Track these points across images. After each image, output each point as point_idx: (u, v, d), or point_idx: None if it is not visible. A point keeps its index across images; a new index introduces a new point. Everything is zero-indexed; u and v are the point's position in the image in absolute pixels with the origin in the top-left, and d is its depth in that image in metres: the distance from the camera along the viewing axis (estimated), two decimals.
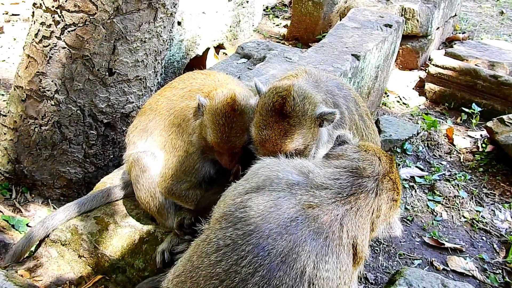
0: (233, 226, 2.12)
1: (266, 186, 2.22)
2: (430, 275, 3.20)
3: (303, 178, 2.25)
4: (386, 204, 2.34)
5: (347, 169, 2.33)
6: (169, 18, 4.49)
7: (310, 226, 2.10)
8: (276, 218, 2.09)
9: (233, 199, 2.25)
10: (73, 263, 3.51)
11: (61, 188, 4.72)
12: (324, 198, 2.19)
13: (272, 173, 2.27)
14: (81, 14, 4.03)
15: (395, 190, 2.40)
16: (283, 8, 10.29)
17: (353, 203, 2.23)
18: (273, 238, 2.04)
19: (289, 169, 2.29)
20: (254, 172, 2.35)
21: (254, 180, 2.27)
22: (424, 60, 8.27)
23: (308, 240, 2.06)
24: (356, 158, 2.38)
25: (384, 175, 2.36)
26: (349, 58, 5.37)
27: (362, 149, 2.45)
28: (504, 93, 6.87)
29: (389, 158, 2.46)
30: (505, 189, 5.61)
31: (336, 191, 2.23)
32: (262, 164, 2.39)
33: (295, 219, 2.10)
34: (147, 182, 3.26)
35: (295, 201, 2.15)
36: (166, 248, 3.22)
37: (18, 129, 4.54)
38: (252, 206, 2.15)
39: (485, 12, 11.15)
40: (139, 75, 4.47)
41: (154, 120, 3.33)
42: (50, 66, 4.23)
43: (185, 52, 6.76)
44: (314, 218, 2.12)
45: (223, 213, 2.21)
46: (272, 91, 2.78)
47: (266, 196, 2.17)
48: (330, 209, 2.17)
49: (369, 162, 2.37)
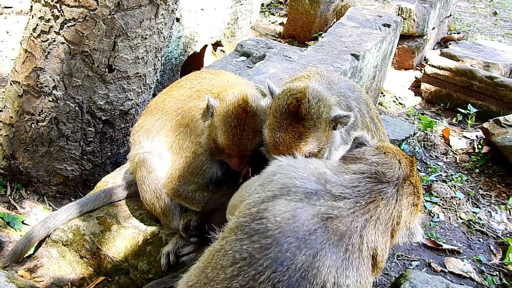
0: (250, 238, 2.04)
1: (283, 195, 2.13)
2: (434, 279, 3.19)
3: (321, 187, 2.16)
4: (407, 210, 2.26)
5: (366, 175, 2.25)
6: (170, 14, 4.43)
7: (330, 239, 2.03)
8: (294, 231, 2.01)
9: (249, 208, 2.16)
10: (75, 264, 3.46)
11: (57, 185, 4.64)
12: (343, 209, 2.10)
13: (289, 181, 2.17)
14: (81, 9, 3.95)
15: (416, 194, 2.32)
16: (279, 5, 10.25)
17: (373, 212, 2.16)
18: (292, 252, 1.97)
19: (306, 176, 2.20)
20: (269, 178, 2.26)
21: (270, 188, 2.18)
22: (420, 60, 8.29)
23: (328, 254, 2.00)
24: (375, 162, 2.30)
25: (405, 179, 2.28)
26: (348, 57, 5.36)
27: (381, 151, 2.36)
28: (499, 94, 6.91)
29: (409, 160, 2.37)
30: (501, 190, 5.64)
31: (355, 200, 2.15)
32: (278, 169, 2.30)
33: (314, 232, 2.02)
34: (153, 183, 3.21)
35: (314, 213, 2.07)
36: (172, 250, 3.17)
37: (14, 124, 4.46)
38: (269, 217, 2.06)
39: (479, 13, 11.21)
40: (139, 72, 4.41)
41: (161, 120, 3.27)
42: (48, 62, 4.15)
43: (183, 49, 6.70)
44: (333, 231, 2.05)
45: (239, 223, 2.13)
46: (286, 93, 2.74)
47: (283, 206, 2.08)
48: (350, 220, 2.09)
49: (388, 166, 2.28)
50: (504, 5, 11.84)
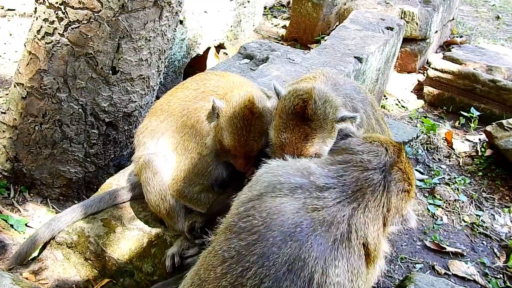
0: (237, 237, 2.05)
1: (269, 193, 2.14)
2: (440, 281, 3.18)
3: (306, 180, 2.17)
4: (397, 196, 2.22)
5: (351, 164, 2.23)
6: (174, 16, 4.44)
7: (316, 230, 2.02)
8: (279, 225, 2.02)
9: (237, 208, 2.18)
10: (79, 266, 3.45)
11: (61, 188, 4.64)
12: (328, 199, 2.10)
13: (274, 178, 2.19)
14: (86, 11, 3.96)
15: (406, 180, 2.27)
16: (281, 8, 10.27)
17: (360, 200, 2.14)
18: (277, 246, 1.98)
19: (291, 172, 2.21)
20: (257, 179, 2.28)
21: (257, 188, 2.20)
22: (422, 63, 8.29)
23: (314, 246, 1.99)
24: (360, 151, 2.28)
25: (392, 166, 2.24)
26: (351, 60, 5.37)
27: (367, 140, 2.35)
28: (502, 97, 6.92)
29: (397, 147, 2.33)
30: (504, 193, 5.63)
31: (341, 190, 2.15)
32: (266, 169, 2.32)
33: (299, 224, 2.02)
34: (158, 185, 3.20)
35: (299, 206, 2.07)
36: (176, 252, 3.16)
37: (18, 127, 4.46)
38: (255, 214, 2.07)
39: (482, 17, 11.23)
40: (143, 74, 4.41)
41: (166, 121, 3.27)
42: (52, 64, 4.15)
43: (186, 52, 6.70)
44: (319, 221, 2.04)
45: (228, 223, 2.16)
46: (292, 93, 2.74)
47: (269, 203, 2.10)
48: (336, 210, 2.09)
49: (374, 153, 2.26)
50: (506, 9, 11.86)
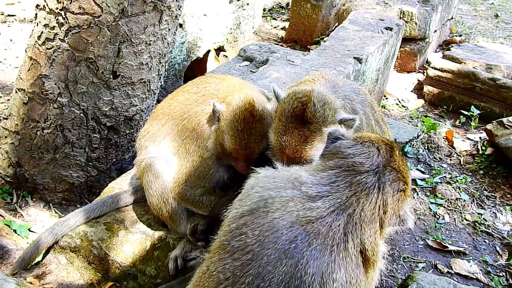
0: (231, 257, 2.00)
1: (260, 208, 2.07)
2: (442, 280, 3.19)
3: (297, 191, 2.09)
4: (393, 197, 2.14)
5: (343, 168, 2.15)
6: (174, 20, 4.46)
7: (311, 244, 1.96)
8: (273, 243, 1.95)
9: (229, 225, 2.12)
10: (83, 270, 3.47)
11: (63, 192, 4.65)
12: (321, 209, 2.03)
13: (265, 192, 2.12)
14: (86, 16, 3.98)
15: (401, 179, 2.20)
16: (281, 10, 10.29)
17: (355, 205, 2.07)
18: (272, 265, 1.92)
19: (282, 184, 2.14)
20: (247, 193, 2.21)
21: (248, 203, 2.13)
22: (422, 63, 8.30)
23: (310, 261, 1.93)
24: (351, 154, 2.19)
25: (385, 166, 2.17)
26: (351, 61, 5.38)
27: (358, 142, 2.26)
28: (502, 96, 6.93)
29: (389, 145, 2.26)
30: (505, 191, 5.64)
31: (334, 197, 2.07)
32: (255, 182, 2.24)
33: (294, 240, 1.95)
34: (160, 188, 3.22)
35: (292, 220, 2.00)
36: (179, 255, 3.19)
37: (20, 132, 4.48)
38: (247, 232, 2.01)
39: (480, 15, 11.24)
40: (143, 78, 4.43)
41: (167, 124, 3.29)
42: (53, 69, 4.17)
43: (186, 55, 6.72)
44: (315, 234, 1.97)
45: (221, 242, 2.11)
46: (291, 96, 2.75)
47: (261, 219, 2.03)
48: (331, 220, 2.02)
49: (366, 155, 2.19)
50: (505, 8, 11.87)
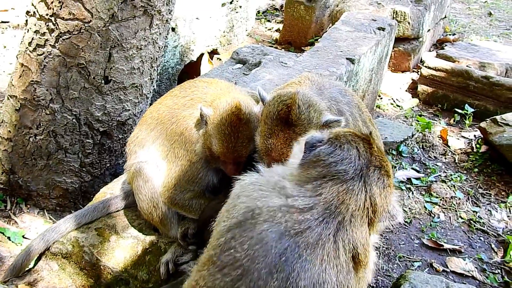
0: (221, 272, 1.98)
1: (248, 220, 2.04)
2: (434, 279, 3.20)
3: (284, 202, 2.06)
4: (380, 196, 2.15)
5: (327, 178, 2.12)
6: (165, 24, 4.46)
7: (301, 256, 1.94)
8: (263, 256, 1.93)
9: (218, 239, 2.08)
10: (75, 276, 3.46)
11: (57, 198, 4.66)
12: (311, 220, 2.01)
13: (252, 203, 2.09)
14: (76, 21, 3.99)
15: (384, 175, 2.20)
16: (275, 12, 10.31)
17: (345, 212, 2.06)
18: (263, 280, 1.90)
19: (268, 193, 2.11)
20: (233, 203, 2.18)
21: (235, 215, 2.08)
22: (416, 62, 8.32)
23: (301, 273, 1.91)
24: (333, 162, 2.15)
25: (368, 167, 2.16)
26: (344, 62, 5.39)
27: (336, 146, 2.21)
28: (496, 93, 6.94)
29: (366, 142, 2.25)
30: (500, 189, 5.65)
31: (323, 207, 2.05)
32: (241, 190, 2.20)
33: (283, 252, 1.93)
34: (149, 193, 3.23)
35: (281, 231, 1.97)
36: (170, 259, 3.19)
37: (13, 139, 4.48)
38: (236, 246, 1.98)
39: (474, 14, 11.26)
40: (135, 83, 4.44)
41: (156, 129, 3.29)
42: (44, 75, 4.18)
43: (180, 58, 6.73)
44: (305, 245, 1.96)
45: (210, 256, 2.08)
46: (276, 99, 2.76)
47: (249, 231, 2.00)
48: (320, 229, 2.00)
49: (347, 161, 2.15)
50: (498, 6, 11.90)
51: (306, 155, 2.23)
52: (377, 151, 2.23)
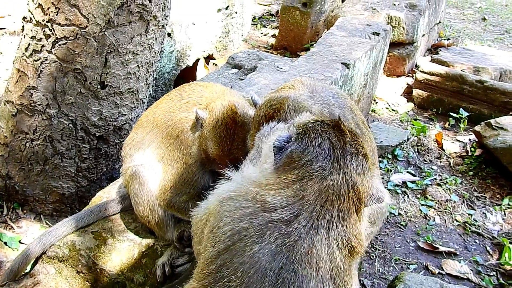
0: None
1: (236, 243, 1.95)
2: (429, 280, 3.22)
3: (269, 217, 1.97)
4: (362, 183, 2.08)
5: (305, 179, 2.03)
6: (161, 30, 4.49)
7: (298, 272, 1.88)
8: (260, 282, 1.87)
9: (208, 266, 2.00)
10: (71, 280, 3.47)
11: (54, 203, 4.67)
12: (299, 230, 1.94)
13: (236, 224, 1.99)
14: (72, 27, 4.01)
15: (362, 160, 2.12)
16: (270, 18, 10.37)
17: (331, 209, 2.00)
18: None
19: (250, 210, 2.01)
20: (217, 225, 2.07)
21: (221, 239, 1.99)
22: (411, 67, 8.37)
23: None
24: (308, 161, 2.06)
25: (344, 156, 2.07)
26: (339, 66, 5.42)
27: (307, 143, 2.10)
28: (490, 97, 6.99)
29: (336, 128, 2.15)
30: (495, 192, 5.69)
31: (309, 211, 1.97)
32: (221, 208, 2.09)
33: (279, 273, 1.88)
34: (146, 196, 3.25)
35: (272, 250, 1.91)
36: (167, 262, 3.21)
37: (9, 144, 4.49)
38: (230, 275, 1.91)
39: (468, 19, 11.35)
40: (132, 88, 4.46)
41: (152, 132, 3.32)
42: (41, 80, 4.20)
43: (176, 64, 6.76)
44: (298, 259, 1.90)
45: (202, 285, 2.00)
46: (266, 103, 2.80)
47: (240, 256, 1.92)
48: (311, 236, 1.94)
49: (322, 156, 2.06)
50: (492, 11, 11.99)
51: (278, 159, 2.12)
52: (350, 136, 2.15)
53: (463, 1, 12.60)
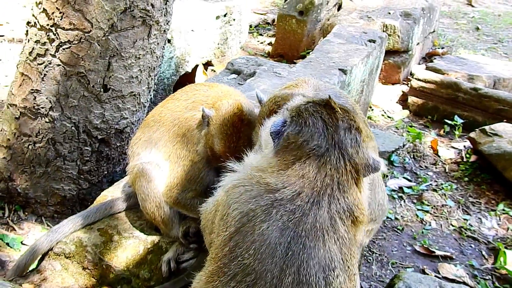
0: (234, 279, 2.01)
1: (245, 224, 2.07)
2: (427, 278, 3.30)
3: (273, 196, 2.09)
4: (358, 155, 2.18)
5: (304, 158, 2.14)
6: (162, 35, 4.57)
7: (306, 244, 2.00)
8: (271, 256, 1.98)
9: (222, 249, 2.11)
10: (78, 276, 3.51)
11: (55, 205, 4.70)
12: (303, 206, 2.06)
13: (244, 207, 2.11)
14: (76, 31, 4.08)
15: (355, 133, 2.22)
16: (267, 26, 10.48)
17: (331, 183, 2.11)
18: (278, 278, 1.96)
19: (255, 193, 2.13)
20: (226, 212, 2.18)
21: (231, 223, 2.11)
22: (406, 75, 8.49)
23: (310, 262, 1.98)
24: (304, 141, 2.17)
25: (338, 132, 2.18)
26: (336, 72, 5.52)
27: (301, 124, 2.21)
28: (484, 104, 7.10)
29: (328, 107, 2.24)
30: (490, 197, 5.77)
31: (310, 188, 2.09)
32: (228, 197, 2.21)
33: (289, 247, 1.99)
34: (152, 192, 3.30)
35: (281, 227, 2.02)
36: (172, 257, 3.26)
37: (12, 147, 4.54)
38: (242, 253, 2.02)
39: (462, 28, 11.52)
40: (134, 91, 4.53)
41: (158, 131, 3.38)
42: (44, 84, 4.26)
43: (175, 69, 6.85)
44: (305, 233, 2.02)
45: (219, 267, 2.10)
46: (271, 100, 2.89)
47: (250, 235, 2.04)
48: (314, 211, 2.06)
49: (317, 135, 2.17)
50: (485, 21, 12.18)
51: (276, 143, 2.23)
52: (341, 112, 2.24)
53: (456, 11, 12.79)
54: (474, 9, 13.17)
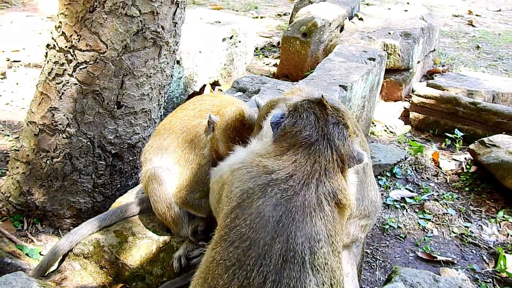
0: (232, 245, 2.30)
1: (245, 200, 2.37)
2: (423, 272, 3.46)
3: (269, 177, 2.39)
4: (343, 147, 2.49)
5: (297, 146, 2.45)
6: (172, 55, 4.86)
7: (295, 218, 2.28)
8: (264, 226, 2.27)
9: (224, 221, 2.41)
10: (95, 274, 3.73)
11: (71, 218, 4.91)
12: (294, 186, 2.35)
13: (245, 185, 2.42)
14: (92, 52, 4.37)
15: (343, 128, 2.53)
16: (272, 48, 10.80)
17: (319, 169, 2.41)
18: (269, 245, 2.24)
19: (255, 174, 2.43)
20: (229, 189, 2.51)
21: (234, 199, 2.42)
22: (408, 92, 8.72)
23: (297, 233, 2.26)
24: (298, 131, 2.48)
25: (327, 126, 2.49)
26: (337, 88, 5.76)
27: (296, 117, 2.54)
28: (483, 118, 7.30)
29: (321, 105, 2.54)
30: (490, 205, 5.92)
31: (301, 171, 2.39)
32: (233, 176, 2.53)
33: (279, 219, 2.27)
34: (163, 194, 3.55)
35: (274, 202, 2.31)
36: (182, 254, 3.48)
37: (31, 162, 4.77)
38: (241, 223, 2.32)
39: (462, 47, 11.75)
40: (145, 108, 4.79)
41: (168, 138, 3.64)
42: (62, 102, 4.52)
43: (184, 89, 7.14)
44: (295, 209, 2.30)
45: (221, 235, 2.40)
46: (267, 104, 3.18)
47: (248, 209, 2.34)
48: (304, 191, 2.35)
49: (309, 126, 2.49)
50: (486, 39, 12.42)
51: (275, 132, 2.56)
52: (332, 110, 2.56)
53: (457, 31, 13.06)
54: (475, 29, 13.44)
